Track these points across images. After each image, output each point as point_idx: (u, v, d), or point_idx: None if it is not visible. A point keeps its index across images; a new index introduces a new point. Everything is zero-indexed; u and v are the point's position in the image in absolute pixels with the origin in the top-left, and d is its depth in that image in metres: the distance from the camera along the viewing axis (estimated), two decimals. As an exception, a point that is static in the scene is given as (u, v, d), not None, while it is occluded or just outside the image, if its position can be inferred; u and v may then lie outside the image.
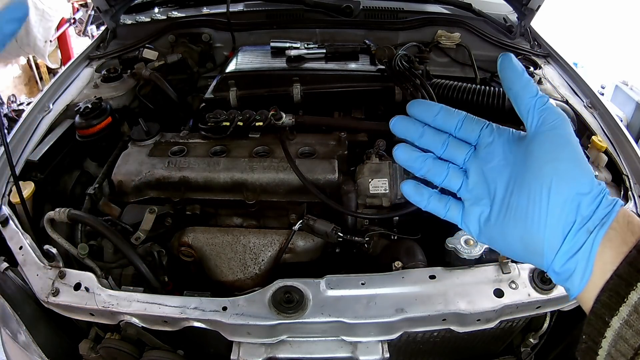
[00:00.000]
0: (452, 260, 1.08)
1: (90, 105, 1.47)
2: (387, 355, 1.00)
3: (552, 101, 0.50)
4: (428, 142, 0.54)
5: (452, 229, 1.10)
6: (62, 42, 4.69)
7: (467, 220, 0.53)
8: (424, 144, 0.55)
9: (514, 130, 0.52)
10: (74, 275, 1.07)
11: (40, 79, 4.82)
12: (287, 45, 1.71)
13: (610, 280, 0.42)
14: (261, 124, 1.38)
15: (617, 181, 1.34)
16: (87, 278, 1.05)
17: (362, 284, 1.02)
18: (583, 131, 1.53)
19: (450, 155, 0.54)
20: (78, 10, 4.75)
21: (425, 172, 0.55)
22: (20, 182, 1.24)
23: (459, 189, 0.54)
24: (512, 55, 0.51)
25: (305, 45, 1.71)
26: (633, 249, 0.42)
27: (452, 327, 1.02)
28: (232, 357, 1.00)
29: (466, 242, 1.05)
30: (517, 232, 0.48)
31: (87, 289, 1.03)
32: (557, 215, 0.46)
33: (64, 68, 1.90)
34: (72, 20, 4.65)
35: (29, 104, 3.46)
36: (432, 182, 0.55)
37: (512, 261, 1.05)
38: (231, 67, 1.69)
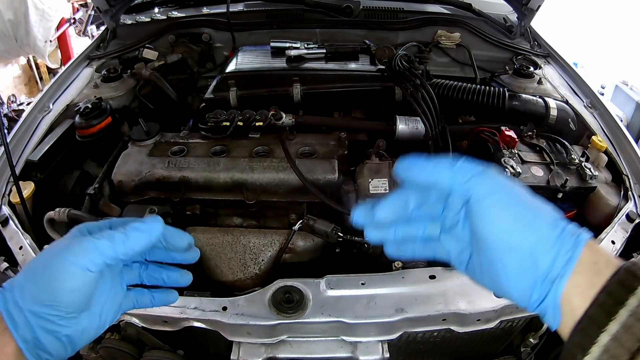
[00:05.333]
0: (452, 260, 1.07)
1: (90, 105, 1.47)
2: (387, 355, 1.00)
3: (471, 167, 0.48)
4: (398, 214, 0.55)
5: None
6: (62, 42, 4.68)
7: (454, 263, 0.55)
8: (394, 217, 0.55)
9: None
10: (74, 275, 1.06)
11: (40, 79, 4.82)
12: (287, 45, 1.71)
13: (581, 322, 0.43)
14: (261, 124, 1.38)
15: (617, 181, 1.34)
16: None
17: (362, 284, 1.02)
18: (583, 131, 1.53)
19: (426, 213, 0.55)
20: (78, 10, 4.74)
21: (402, 237, 0.55)
22: (20, 182, 1.24)
23: (438, 237, 0.55)
24: (403, 159, 0.52)
25: (305, 45, 1.71)
26: (601, 291, 0.43)
27: (452, 327, 1.02)
28: (232, 357, 1.00)
29: (466, 242, 1.05)
30: (490, 284, 0.51)
31: (87, 289, 1.03)
32: (517, 275, 0.47)
33: (64, 68, 1.90)
34: (72, 20, 4.64)
35: (29, 104, 3.47)
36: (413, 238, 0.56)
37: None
38: (231, 67, 1.69)
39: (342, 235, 1.16)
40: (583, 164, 1.31)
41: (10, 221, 1.20)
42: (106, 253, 0.52)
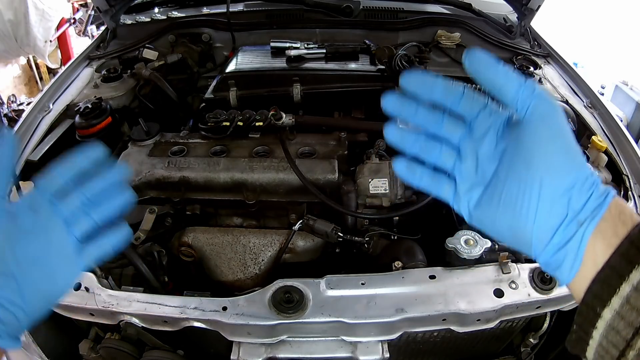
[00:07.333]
0: (452, 260, 1.07)
1: (90, 105, 1.47)
2: (387, 355, 1.00)
3: (540, 87, 0.47)
4: (422, 120, 0.51)
5: (452, 228, 1.10)
6: (62, 42, 4.68)
7: (457, 201, 0.52)
8: (418, 121, 0.52)
9: (512, 113, 0.49)
10: (74, 275, 1.06)
11: (40, 79, 4.81)
12: (287, 45, 1.71)
13: (602, 272, 0.42)
14: (261, 124, 1.38)
15: (617, 181, 1.34)
16: (87, 278, 1.05)
17: (362, 284, 1.02)
18: (583, 131, 1.53)
19: (445, 133, 0.51)
20: (78, 10, 4.74)
21: (417, 151, 0.52)
22: (20, 182, 1.24)
23: (452, 168, 0.52)
24: (478, 49, 0.48)
25: (305, 45, 1.71)
26: (625, 239, 0.41)
27: (452, 327, 1.02)
28: (232, 357, 1.00)
29: (466, 242, 1.05)
30: (505, 220, 0.47)
31: (87, 289, 1.03)
32: (547, 209, 0.45)
33: (64, 68, 1.90)
34: (72, 20, 4.64)
35: (29, 104, 3.46)
36: (425, 160, 0.53)
37: (512, 261, 1.05)
38: (231, 67, 1.69)
39: (342, 235, 1.16)
40: (583, 164, 1.31)
41: (10, 221, 1.20)
42: None
